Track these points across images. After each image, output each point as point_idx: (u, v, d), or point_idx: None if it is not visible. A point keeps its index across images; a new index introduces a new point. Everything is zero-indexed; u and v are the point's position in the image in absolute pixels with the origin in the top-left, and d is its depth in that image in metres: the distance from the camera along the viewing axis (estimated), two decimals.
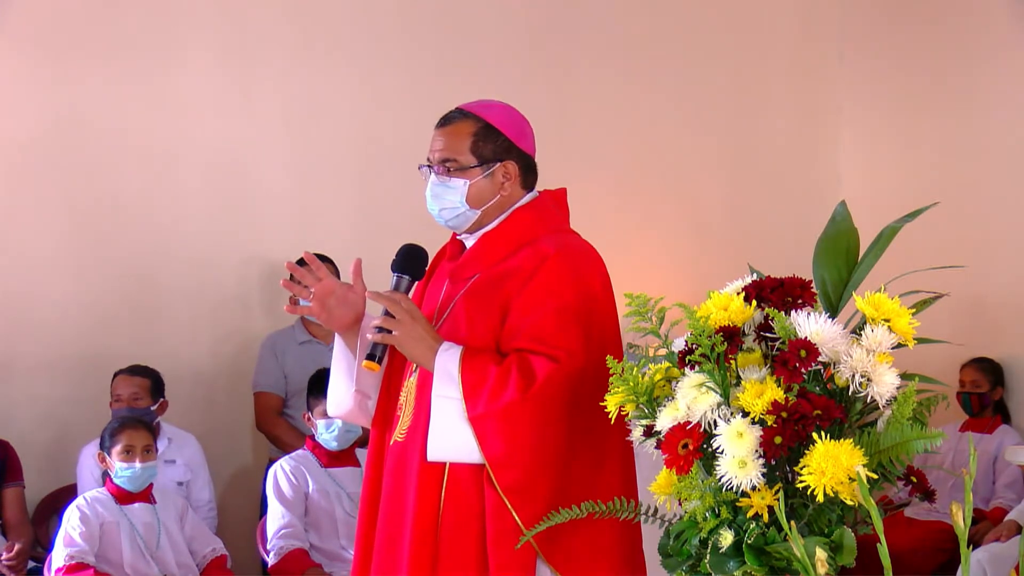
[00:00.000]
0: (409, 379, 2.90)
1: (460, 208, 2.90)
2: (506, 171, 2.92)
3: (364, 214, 6.25)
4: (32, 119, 5.84)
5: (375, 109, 6.36)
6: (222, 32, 6.15)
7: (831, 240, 2.34)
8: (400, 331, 2.77)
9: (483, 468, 2.76)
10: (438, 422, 2.77)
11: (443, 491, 2.80)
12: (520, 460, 2.73)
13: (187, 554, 4.83)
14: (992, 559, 5.30)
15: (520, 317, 2.80)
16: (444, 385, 2.76)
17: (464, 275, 2.93)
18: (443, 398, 2.76)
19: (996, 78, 6.66)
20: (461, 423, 2.74)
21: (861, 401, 2.09)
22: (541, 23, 6.75)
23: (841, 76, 7.37)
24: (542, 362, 2.73)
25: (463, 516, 2.78)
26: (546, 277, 2.82)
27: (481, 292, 2.88)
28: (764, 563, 2.03)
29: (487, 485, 2.76)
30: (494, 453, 2.72)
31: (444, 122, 2.94)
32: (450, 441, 2.77)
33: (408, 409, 2.87)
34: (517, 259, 2.87)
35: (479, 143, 2.90)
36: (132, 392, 5.35)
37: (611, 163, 6.84)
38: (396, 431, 2.89)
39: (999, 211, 6.60)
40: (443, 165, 2.90)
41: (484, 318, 2.84)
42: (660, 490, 2.20)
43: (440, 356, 2.78)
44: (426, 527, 2.79)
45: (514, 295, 2.82)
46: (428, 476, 2.81)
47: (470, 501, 2.78)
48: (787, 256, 3.44)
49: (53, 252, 5.84)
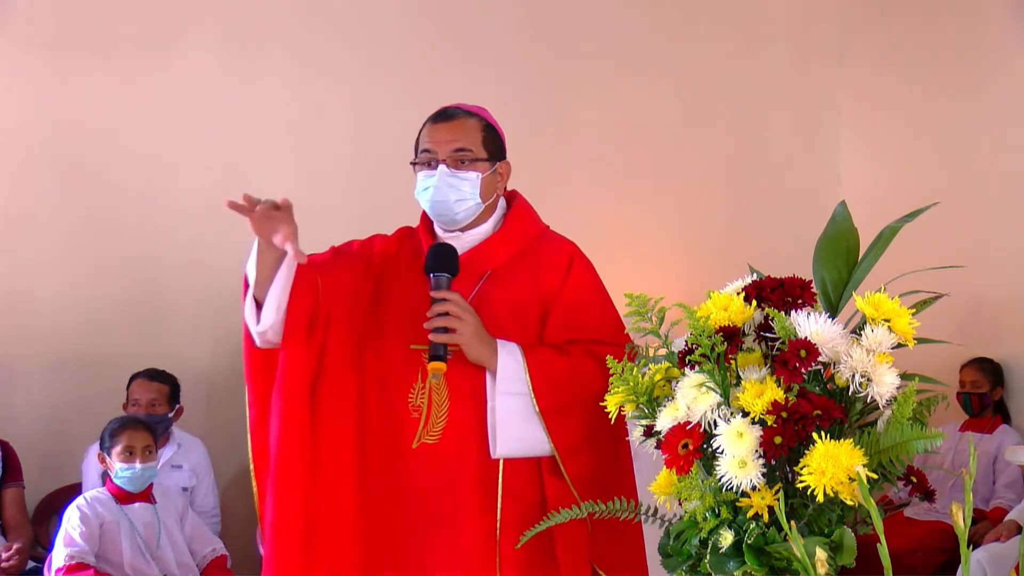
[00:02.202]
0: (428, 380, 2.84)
1: (473, 200, 2.91)
2: (502, 171, 2.97)
3: (364, 214, 6.22)
4: (32, 119, 5.85)
5: (375, 109, 6.35)
6: (222, 32, 6.15)
7: (831, 240, 2.34)
8: (464, 329, 2.76)
9: (539, 459, 2.81)
10: (505, 418, 2.79)
11: (500, 486, 2.81)
12: (591, 448, 2.77)
13: (187, 554, 4.83)
14: (992, 559, 5.30)
15: (571, 312, 2.86)
16: (508, 382, 2.79)
17: (473, 272, 2.91)
18: (507, 395, 2.78)
19: (996, 78, 6.65)
20: (530, 417, 2.78)
21: (861, 401, 2.09)
22: (541, 24, 6.75)
23: (841, 76, 7.37)
24: (613, 352, 2.76)
25: (522, 509, 2.79)
26: (583, 273, 2.92)
27: (511, 288, 2.89)
28: (764, 563, 2.03)
29: (548, 475, 2.81)
30: (566, 443, 2.77)
31: (448, 117, 2.93)
32: (519, 436, 2.79)
33: (441, 410, 2.85)
34: (534, 256, 2.93)
35: (487, 139, 2.94)
36: (150, 398, 5.35)
37: (611, 163, 6.84)
38: (422, 433, 2.85)
39: (999, 211, 6.60)
40: (457, 156, 2.89)
41: (525, 312, 2.87)
42: (660, 490, 2.20)
43: (501, 353, 2.80)
44: (486, 524, 2.81)
45: (554, 292, 2.88)
46: (483, 473, 2.81)
47: (529, 493, 2.81)
48: (787, 256, 3.44)
49: (53, 252, 5.84)
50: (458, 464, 2.82)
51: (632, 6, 6.95)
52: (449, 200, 2.89)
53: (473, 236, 2.96)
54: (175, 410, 5.43)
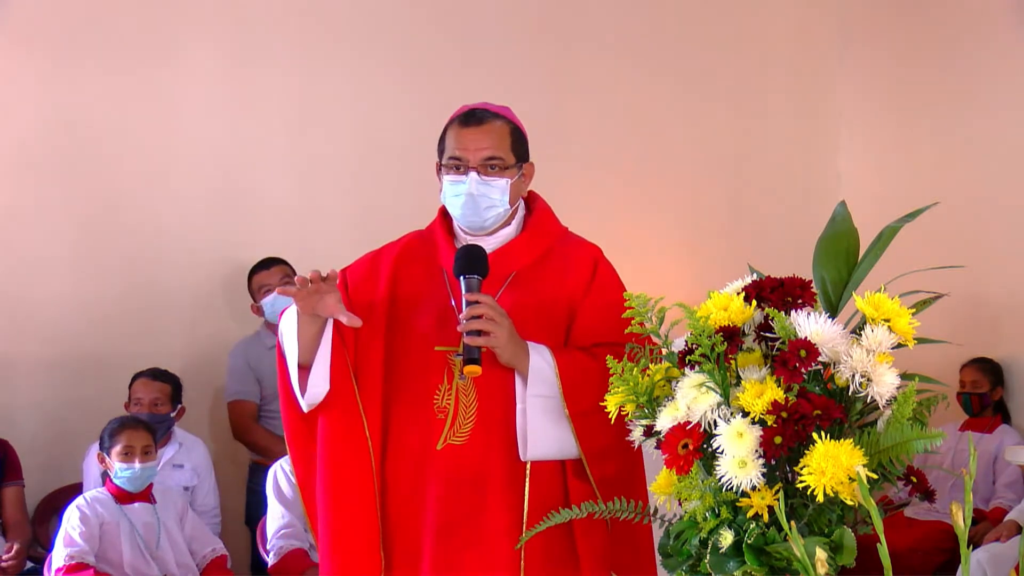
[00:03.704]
0: (455, 381, 2.85)
1: (502, 207, 2.91)
2: (527, 173, 2.97)
3: (363, 214, 6.24)
4: (32, 119, 5.85)
5: (375, 109, 6.36)
6: (222, 32, 6.15)
7: (831, 240, 2.34)
8: (499, 332, 2.75)
9: (563, 462, 2.82)
10: (535, 421, 2.79)
11: (527, 489, 2.82)
12: (617, 451, 2.74)
13: (187, 554, 4.83)
14: (992, 559, 5.30)
15: (598, 315, 2.85)
16: (540, 384, 2.79)
17: (498, 274, 2.90)
18: (539, 397, 2.79)
19: (996, 78, 6.65)
20: (560, 420, 2.79)
21: (861, 401, 2.08)
22: (540, 24, 6.76)
23: (841, 76, 7.37)
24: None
25: (547, 511, 2.77)
26: (609, 276, 2.93)
27: (537, 290, 2.90)
28: (764, 563, 2.03)
29: (572, 478, 2.82)
30: (593, 446, 2.78)
31: (478, 121, 2.91)
32: (549, 439, 2.80)
33: (469, 411, 2.84)
34: (560, 258, 2.94)
35: (515, 143, 2.93)
36: (153, 397, 5.35)
37: (611, 163, 6.84)
38: (447, 435, 2.85)
39: (999, 211, 6.60)
40: (488, 164, 2.88)
41: (551, 315, 2.88)
42: (660, 490, 2.20)
43: (532, 355, 2.80)
44: (512, 525, 2.81)
45: (581, 294, 2.89)
46: (509, 474, 2.82)
47: (554, 495, 2.82)
48: (787, 256, 3.44)
49: (53, 252, 5.84)
50: (484, 465, 2.83)
51: (632, 7, 6.95)
52: (480, 207, 2.89)
53: (498, 238, 2.96)
54: (177, 410, 5.43)
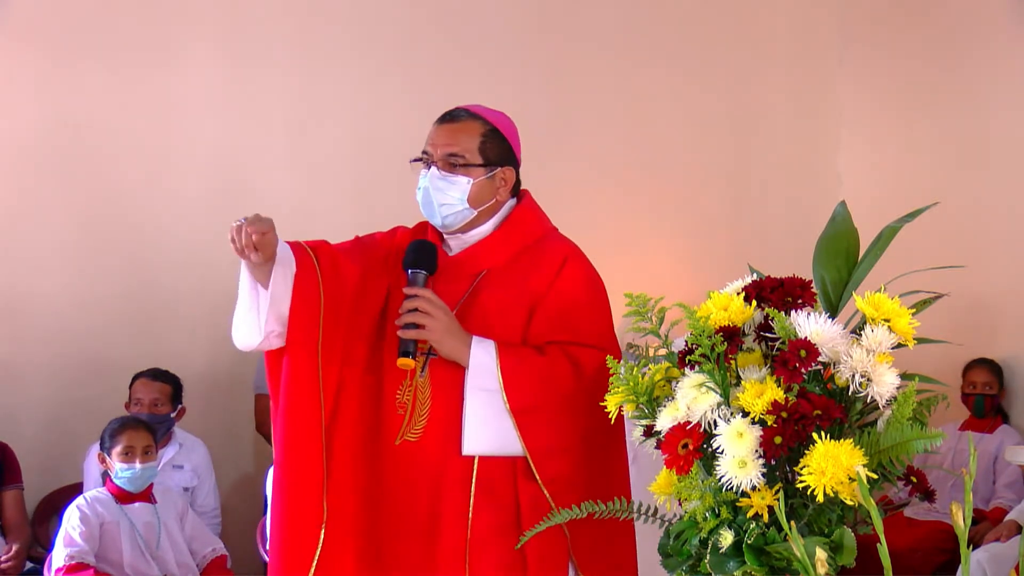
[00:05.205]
0: (416, 378, 2.85)
1: (460, 206, 2.90)
2: (504, 176, 2.95)
3: (364, 214, 6.22)
4: (32, 119, 5.85)
5: (375, 109, 6.35)
6: (222, 32, 6.15)
7: (831, 240, 2.34)
8: (433, 325, 2.77)
9: (514, 461, 2.79)
10: (475, 415, 2.79)
11: (473, 486, 2.80)
12: (566, 451, 2.76)
13: (187, 554, 4.83)
14: (992, 559, 5.29)
15: (555, 313, 2.84)
16: (480, 377, 2.78)
17: (469, 271, 2.92)
18: (479, 390, 2.78)
19: (996, 78, 6.65)
20: (501, 415, 2.77)
21: (861, 401, 2.08)
22: (540, 24, 6.75)
23: (841, 76, 7.37)
24: (590, 354, 2.77)
25: (495, 510, 2.79)
26: (573, 275, 2.89)
27: (503, 288, 2.89)
28: (764, 563, 2.03)
29: (522, 478, 2.79)
30: (538, 444, 2.76)
31: (450, 119, 2.93)
32: (489, 433, 2.78)
33: (423, 408, 2.84)
34: (531, 257, 2.92)
35: (487, 144, 2.92)
36: (153, 398, 5.35)
37: (611, 163, 6.84)
38: (404, 431, 2.85)
39: (999, 211, 6.60)
40: (448, 160, 2.90)
41: (512, 313, 2.86)
42: (660, 490, 2.20)
43: (474, 349, 2.79)
44: (456, 523, 2.79)
45: (542, 292, 2.87)
46: (455, 472, 2.80)
47: (502, 494, 2.80)
48: (787, 256, 3.45)
49: (53, 253, 5.84)
50: (437, 462, 2.81)
51: (632, 7, 6.95)
52: (434, 203, 2.90)
53: (471, 236, 2.97)
54: (177, 410, 5.43)
